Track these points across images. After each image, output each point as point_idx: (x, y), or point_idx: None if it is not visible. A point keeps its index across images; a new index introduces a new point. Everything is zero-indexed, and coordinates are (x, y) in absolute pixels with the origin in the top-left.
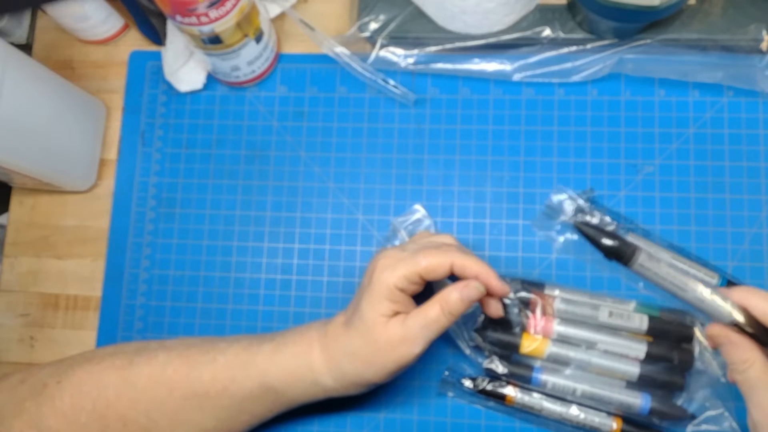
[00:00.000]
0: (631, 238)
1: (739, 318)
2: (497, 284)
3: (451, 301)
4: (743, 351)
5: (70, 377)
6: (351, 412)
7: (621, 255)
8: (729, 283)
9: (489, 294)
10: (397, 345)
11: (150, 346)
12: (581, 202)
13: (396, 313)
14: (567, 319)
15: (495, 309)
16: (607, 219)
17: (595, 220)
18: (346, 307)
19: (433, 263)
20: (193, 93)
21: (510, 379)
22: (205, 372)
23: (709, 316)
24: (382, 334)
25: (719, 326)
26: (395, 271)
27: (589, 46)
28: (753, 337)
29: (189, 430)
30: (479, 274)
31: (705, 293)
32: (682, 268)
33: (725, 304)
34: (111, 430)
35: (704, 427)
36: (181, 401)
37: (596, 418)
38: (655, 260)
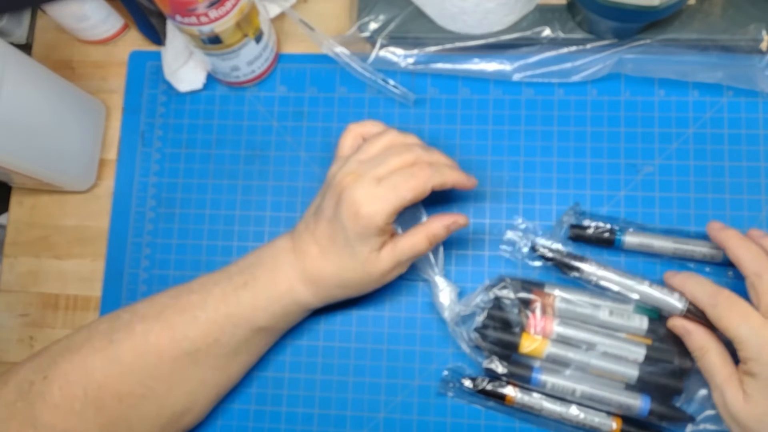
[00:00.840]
0: (628, 236)
1: (678, 305)
2: (469, 185)
3: (438, 234)
4: (697, 339)
5: (55, 370)
6: (351, 412)
7: (569, 268)
8: None
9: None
10: (388, 273)
11: (121, 318)
12: (536, 239)
13: (384, 243)
14: (567, 320)
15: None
16: (600, 223)
17: (590, 231)
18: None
19: (417, 194)
20: (192, 93)
21: (510, 379)
22: (191, 331)
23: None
24: (376, 267)
25: (677, 318)
26: (383, 211)
27: (588, 46)
28: (700, 318)
29: (188, 385)
30: (455, 185)
31: (649, 290)
32: (627, 275)
33: (668, 296)
34: (108, 408)
35: (703, 426)
36: (172, 363)
37: (596, 418)
38: (602, 269)
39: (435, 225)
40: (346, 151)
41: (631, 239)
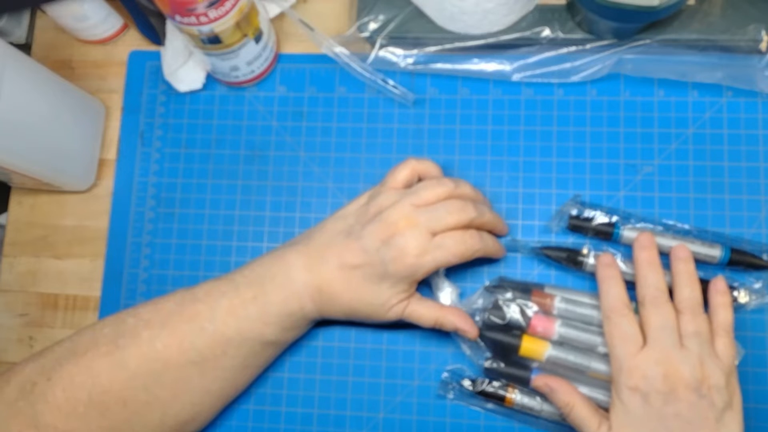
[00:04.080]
0: (626, 231)
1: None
2: (501, 255)
3: (444, 326)
4: (563, 395)
5: (59, 372)
6: (350, 412)
7: (574, 261)
8: (732, 252)
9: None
10: (388, 320)
11: (126, 323)
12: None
13: (406, 296)
14: (567, 321)
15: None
16: (600, 214)
17: (589, 223)
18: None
19: (462, 260)
20: (192, 93)
21: (510, 381)
22: (198, 341)
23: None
24: (385, 314)
25: (540, 378)
26: (428, 266)
27: (588, 46)
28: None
29: (193, 395)
30: (497, 256)
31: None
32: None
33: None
34: (111, 413)
35: None
36: (178, 371)
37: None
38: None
39: (448, 318)
40: (399, 184)
41: (629, 234)
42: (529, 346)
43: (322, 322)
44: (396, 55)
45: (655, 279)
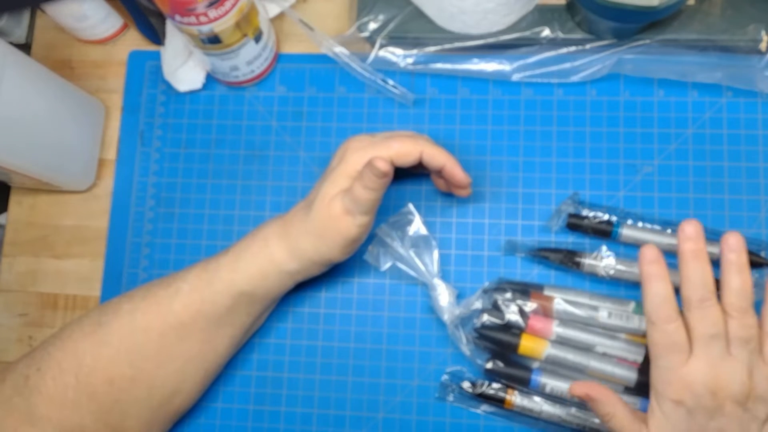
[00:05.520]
0: (625, 229)
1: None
2: (461, 175)
3: (364, 176)
4: (603, 406)
5: (48, 361)
6: (350, 412)
7: (572, 261)
8: None
9: (455, 185)
10: (340, 218)
11: (111, 302)
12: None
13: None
14: (566, 321)
15: (462, 183)
16: (599, 213)
17: (588, 221)
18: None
19: (404, 149)
20: (192, 93)
21: (509, 382)
22: (175, 303)
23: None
24: (331, 209)
25: (579, 385)
26: (366, 153)
27: (588, 46)
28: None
29: (176, 363)
30: (445, 164)
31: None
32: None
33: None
34: (99, 393)
35: None
36: (159, 340)
37: (596, 420)
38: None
39: (357, 167)
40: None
41: (628, 232)
42: (528, 345)
43: (321, 317)
44: (396, 55)
45: (703, 275)
